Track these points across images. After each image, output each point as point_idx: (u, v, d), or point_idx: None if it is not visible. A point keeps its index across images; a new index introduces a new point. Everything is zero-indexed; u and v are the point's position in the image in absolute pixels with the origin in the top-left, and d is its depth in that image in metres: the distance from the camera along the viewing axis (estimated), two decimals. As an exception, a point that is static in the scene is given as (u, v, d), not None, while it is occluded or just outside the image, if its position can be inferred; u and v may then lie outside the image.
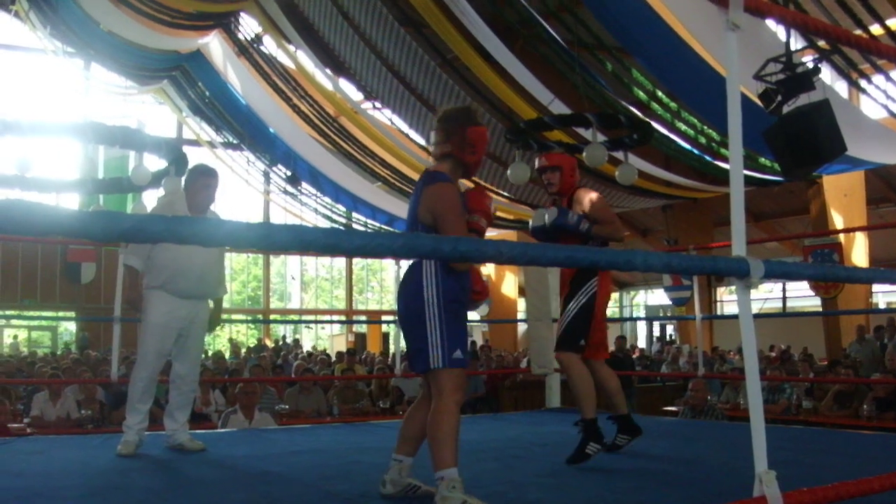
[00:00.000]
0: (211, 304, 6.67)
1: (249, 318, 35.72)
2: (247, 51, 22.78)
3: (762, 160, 16.20)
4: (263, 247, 1.83)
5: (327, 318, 34.76)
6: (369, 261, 33.52)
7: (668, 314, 31.18)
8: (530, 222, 6.12)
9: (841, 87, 15.71)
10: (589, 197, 5.90)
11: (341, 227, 27.51)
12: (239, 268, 36.06)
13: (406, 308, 4.39)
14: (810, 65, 9.08)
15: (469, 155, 4.49)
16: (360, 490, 4.74)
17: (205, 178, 6.38)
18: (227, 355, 22.21)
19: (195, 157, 21.63)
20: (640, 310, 39.10)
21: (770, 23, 8.75)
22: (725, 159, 16.18)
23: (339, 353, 19.57)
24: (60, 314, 24.88)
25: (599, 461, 5.76)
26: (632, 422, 6.06)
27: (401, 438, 4.58)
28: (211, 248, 5.89)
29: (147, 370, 6.21)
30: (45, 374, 13.18)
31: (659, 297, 34.53)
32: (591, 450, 5.50)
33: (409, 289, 4.36)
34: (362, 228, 27.70)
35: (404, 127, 21.86)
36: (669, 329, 31.70)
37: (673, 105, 15.75)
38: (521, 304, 30.07)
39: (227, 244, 1.79)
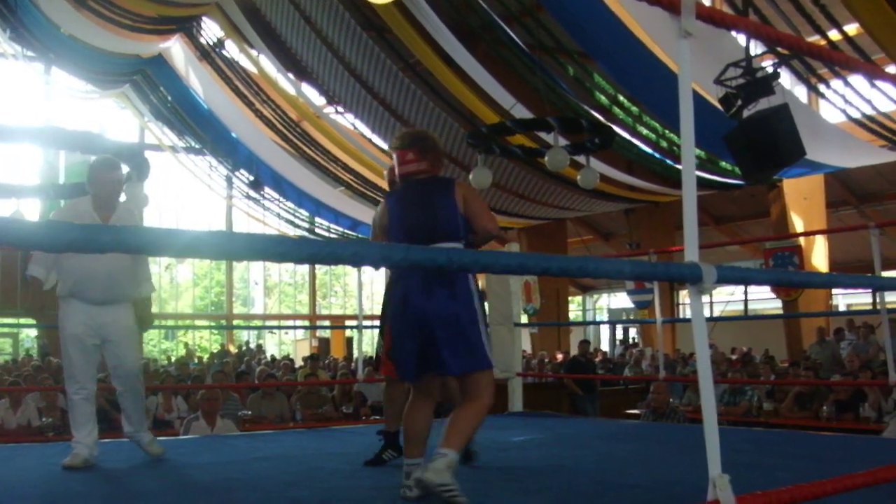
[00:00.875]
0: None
1: (213, 323, 35.58)
2: (209, 55, 22.70)
3: (723, 164, 16.32)
4: (217, 256, 1.84)
5: (291, 323, 34.65)
6: (333, 266, 33.46)
7: (631, 317, 31.28)
8: None
9: (800, 92, 15.83)
10: None
11: (305, 233, 27.53)
12: (202, 273, 35.91)
13: (460, 309, 4.49)
14: (770, 69, 9.19)
15: (439, 172, 4.93)
16: (323, 496, 4.74)
17: (105, 172, 5.93)
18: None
19: (157, 161, 21.60)
20: (604, 313, 39.23)
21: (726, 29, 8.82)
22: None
23: (303, 359, 19.55)
24: (21, 321, 24.63)
25: (561, 463, 5.79)
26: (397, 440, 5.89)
27: (417, 441, 4.72)
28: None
29: (77, 384, 5.68)
30: (6, 382, 13.07)
31: (622, 300, 34.65)
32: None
33: (459, 291, 4.51)
34: (325, 233, 27.71)
35: (367, 131, 21.86)
36: (632, 332, 31.81)
37: (634, 109, 15.83)
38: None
39: (180, 254, 1.79)
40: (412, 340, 4.60)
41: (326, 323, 35.51)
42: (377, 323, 6.38)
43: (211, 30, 22.26)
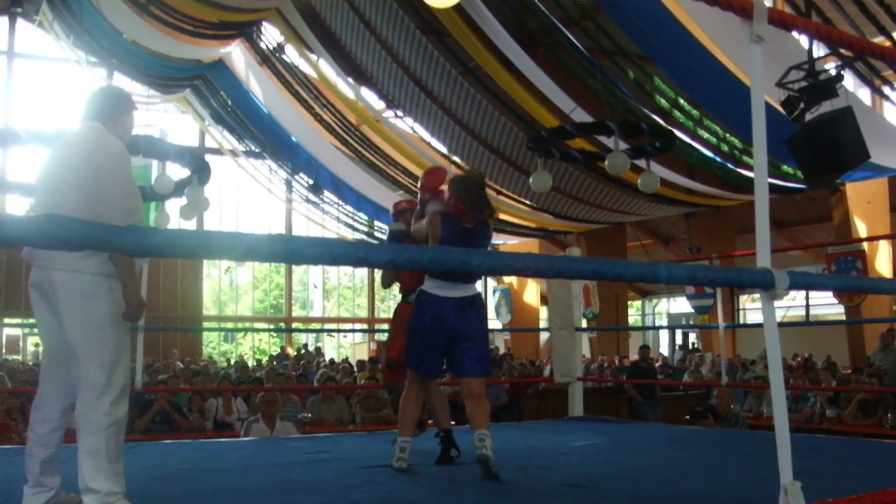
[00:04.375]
0: None
1: (272, 326, 35.77)
2: (269, 60, 22.87)
3: (785, 167, 16.16)
4: (293, 261, 1.84)
5: (349, 326, 34.76)
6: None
7: (691, 322, 31.07)
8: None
9: (864, 94, 15.63)
10: None
11: (364, 236, 27.63)
12: (261, 276, 36.12)
13: (483, 324, 5.92)
14: (833, 72, 9.07)
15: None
16: (384, 498, 4.75)
17: (132, 104, 4.90)
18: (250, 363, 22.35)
19: (217, 165, 21.72)
20: (663, 318, 38.97)
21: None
22: (748, 167, 16.15)
23: (360, 362, 19.58)
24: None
25: (623, 469, 5.76)
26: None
27: (412, 423, 5.95)
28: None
29: (126, 391, 4.31)
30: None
31: (681, 305, 34.42)
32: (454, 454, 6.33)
33: (482, 310, 5.90)
34: (384, 237, 27.80)
35: (426, 135, 21.90)
36: (692, 337, 31.59)
37: (695, 113, 15.72)
38: (543, 313, 30.04)
39: (257, 258, 1.79)
40: (438, 349, 5.76)
41: (385, 326, 35.56)
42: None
43: (271, 35, 22.42)
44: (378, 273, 34.60)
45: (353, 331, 35.39)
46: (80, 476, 4.09)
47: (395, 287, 7.11)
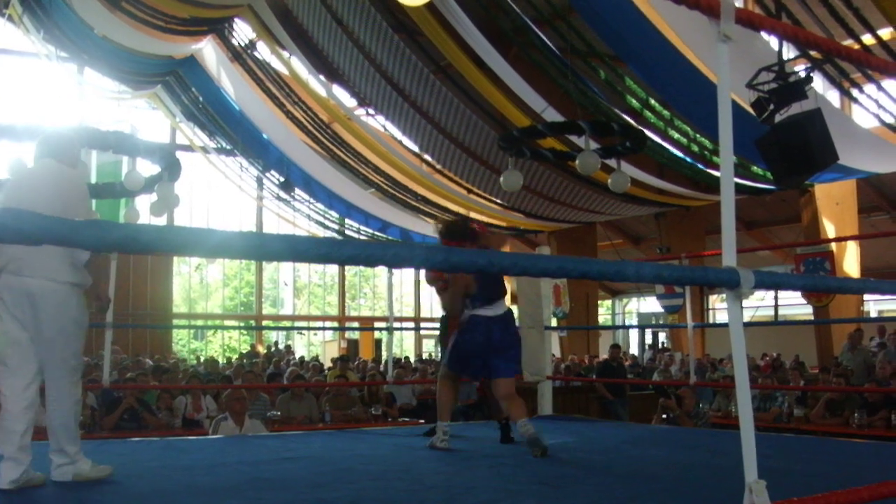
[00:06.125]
0: None
1: (242, 323, 35.64)
2: (240, 56, 22.75)
3: (755, 168, 16.24)
4: (256, 257, 1.84)
5: (320, 324, 34.70)
6: (362, 267, 33.24)
7: (661, 321, 31.17)
8: None
9: (833, 97, 15.73)
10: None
11: (335, 234, 27.58)
12: (231, 273, 35.99)
13: (516, 335, 7.07)
14: (802, 74, 9.12)
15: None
16: (352, 497, 4.74)
17: (79, 144, 5.61)
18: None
19: (188, 162, 21.63)
20: (633, 317, 39.12)
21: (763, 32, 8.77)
22: (718, 167, 16.21)
23: (333, 360, 19.57)
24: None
25: (592, 468, 5.77)
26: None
27: (450, 411, 7.00)
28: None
29: (81, 382, 5.20)
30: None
31: (651, 304, 34.56)
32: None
33: (514, 323, 7.09)
34: (355, 235, 27.75)
35: (397, 133, 21.88)
36: (662, 336, 31.70)
37: (666, 113, 15.77)
38: (513, 312, 30.01)
39: (220, 254, 1.80)
40: (480, 359, 6.77)
41: (355, 324, 35.53)
42: (408, 325, 7.63)
43: (243, 31, 22.31)
44: (348, 272, 34.15)
45: (324, 328, 35.32)
46: (53, 440, 4.98)
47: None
